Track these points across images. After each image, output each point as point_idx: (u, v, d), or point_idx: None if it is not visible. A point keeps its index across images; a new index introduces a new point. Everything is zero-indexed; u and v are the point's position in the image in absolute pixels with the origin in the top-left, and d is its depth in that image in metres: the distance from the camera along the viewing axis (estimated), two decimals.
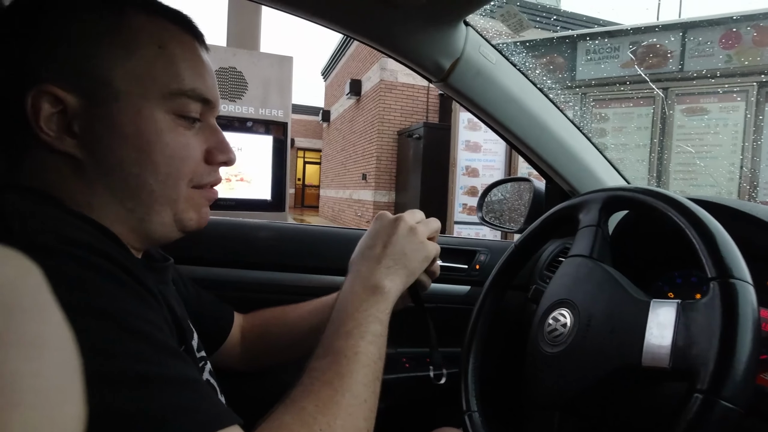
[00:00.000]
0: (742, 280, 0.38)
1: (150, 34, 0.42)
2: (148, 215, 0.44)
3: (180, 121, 0.44)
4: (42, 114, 0.39)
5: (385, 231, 0.57)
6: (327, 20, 0.70)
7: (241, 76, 3.24)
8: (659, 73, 4.01)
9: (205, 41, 0.48)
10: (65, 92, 0.39)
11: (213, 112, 0.49)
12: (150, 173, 0.43)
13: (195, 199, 0.48)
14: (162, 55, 0.42)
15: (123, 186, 0.42)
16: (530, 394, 0.53)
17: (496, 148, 5.35)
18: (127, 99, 0.41)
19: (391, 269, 0.53)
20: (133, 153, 0.42)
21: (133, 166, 0.42)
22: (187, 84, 0.44)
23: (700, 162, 3.80)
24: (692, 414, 0.35)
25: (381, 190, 8.72)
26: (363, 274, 0.53)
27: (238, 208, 3.10)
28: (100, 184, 0.42)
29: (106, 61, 0.40)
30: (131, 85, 0.41)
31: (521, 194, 1.14)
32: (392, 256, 0.54)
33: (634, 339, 0.42)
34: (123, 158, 0.41)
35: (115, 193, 0.42)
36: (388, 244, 0.55)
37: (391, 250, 0.55)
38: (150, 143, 0.42)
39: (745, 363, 0.35)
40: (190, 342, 0.50)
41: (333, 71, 13.52)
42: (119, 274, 0.34)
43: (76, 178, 0.41)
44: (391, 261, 0.54)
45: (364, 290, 0.51)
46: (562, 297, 0.54)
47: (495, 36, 0.82)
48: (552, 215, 0.65)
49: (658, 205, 0.48)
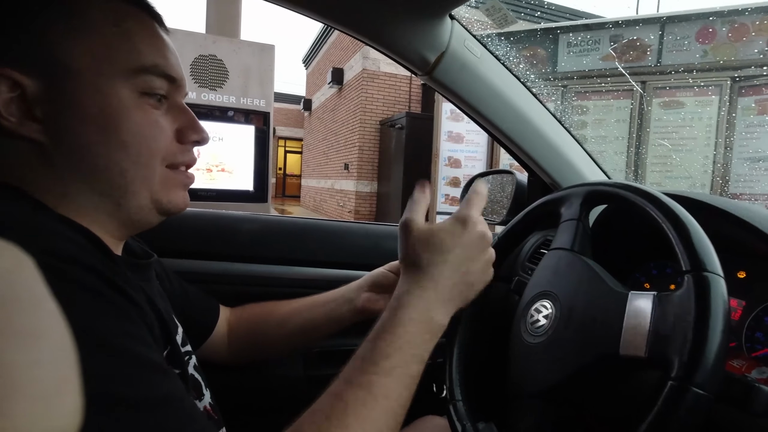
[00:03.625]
0: (714, 273, 0.40)
1: (104, 13, 0.41)
2: (123, 198, 0.43)
3: (146, 99, 0.44)
4: (0, 99, 0.38)
5: (470, 253, 0.49)
6: (310, 10, 0.69)
7: (221, 65, 3.17)
8: (638, 67, 4.08)
9: (163, 22, 0.47)
10: (21, 75, 0.38)
11: (180, 91, 0.48)
12: (119, 153, 0.42)
13: (171, 179, 0.47)
14: (118, 33, 0.42)
15: (93, 169, 0.41)
16: (513, 383, 0.55)
17: (478, 139, 5.38)
18: (86, 78, 0.40)
19: (454, 302, 0.49)
20: (98, 133, 0.41)
21: (99, 146, 0.41)
22: (147, 60, 0.43)
23: (675, 156, 3.90)
24: (665, 400, 0.37)
25: (363, 180, 8.71)
26: (429, 300, 0.47)
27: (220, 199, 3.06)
28: (69, 170, 0.41)
29: (61, 42, 0.39)
30: (89, 63, 0.40)
31: (504, 186, 1.16)
32: (464, 290, 0.49)
33: (612, 329, 0.44)
34: (88, 139, 0.41)
35: (85, 179, 0.41)
36: (468, 273, 0.49)
37: (467, 279, 0.49)
38: (115, 122, 0.41)
39: (716, 352, 0.37)
40: (174, 337, 0.50)
41: (314, 59, 13.35)
42: (101, 288, 0.33)
43: (45, 167, 0.40)
44: (458, 295, 0.49)
45: (422, 323, 0.46)
46: (544, 289, 0.55)
47: (480, 28, 0.82)
48: (535, 208, 0.67)
49: (637, 201, 0.50)
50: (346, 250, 0.98)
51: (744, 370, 0.53)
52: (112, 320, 0.33)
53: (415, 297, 0.46)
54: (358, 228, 1.02)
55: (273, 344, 0.73)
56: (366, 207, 8.74)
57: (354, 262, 0.79)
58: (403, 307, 0.46)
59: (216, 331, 0.71)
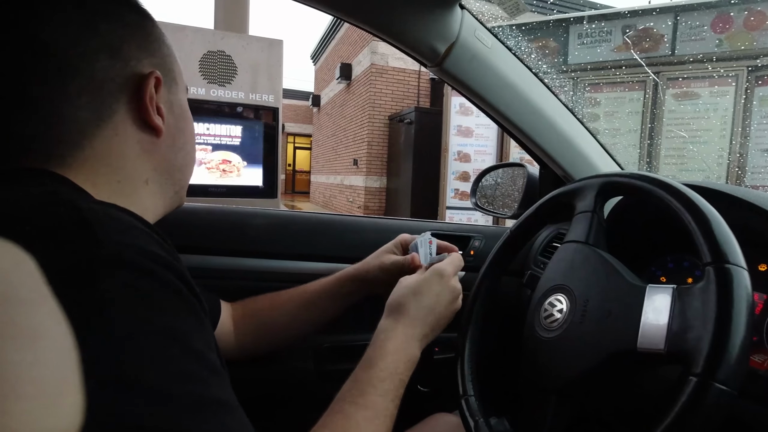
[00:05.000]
0: (737, 265, 0.39)
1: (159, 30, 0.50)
2: (182, 187, 0.52)
3: None
4: (147, 94, 0.44)
5: (443, 299, 0.59)
6: (318, 3, 0.68)
7: (230, 60, 3.18)
8: (651, 57, 4.00)
9: None
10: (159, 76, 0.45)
11: None
12: (192, 148, 0.53)
13: None
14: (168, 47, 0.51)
15: (182, 161, 0.50)
16: (527, 378, 0.54)
17: (487, 133, 5.34)
18: (180, 83, 0.50)
19: (427, 338, 0.57)
20: (189, 130, 0.51)
21: (188, 143, 0.51)
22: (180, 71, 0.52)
23: (692, 147, 3.83)
24: (687, 397, 0.36)
25: (372, 176, 8.70)
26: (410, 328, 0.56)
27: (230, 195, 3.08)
28: (165, 160, 0.48)
29: (168, 55, 0.49)
30: (177, 73, 0.50)
31: (515, 180, 1.14)
32: (435, 327, 0.58)
33: (630, 324, 0.43)
34: (187, 136, 0.51)
35: (173, 168, 0.49)
36: (440, 316, 0.59)
37: (438, 322, 0.58)
38: (191, 121, 0.52)
39: (739, 347, 0.36)
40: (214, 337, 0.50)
41: (323, 55, 13.33)
42: (180, 288, 0.33)
43: (147, 154, 0.46)
44: (431, 332, 0.58)
45: (405, 350, 0.54)
46: (558, 283, 0.54)
47: (490, 19, 0.81)
48: (548, 201, 0.65)
49: (655, 191, 0.48)
50: (357, 245, 0.97)
51: (766, 366, 0.52)
52: (194, 323, 0.33)
53: (400, 333, 0.55)
54: (368, 223, 1.02)
55: (280, 331, 0.74)
56: (375, 202, 8.73)
57: (363, 257, 0.78)
58: (389, 340, 0.54)
59: (221, 328, 0.71)
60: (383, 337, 0.54)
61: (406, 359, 0.53)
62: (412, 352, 0.54)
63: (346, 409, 0.46)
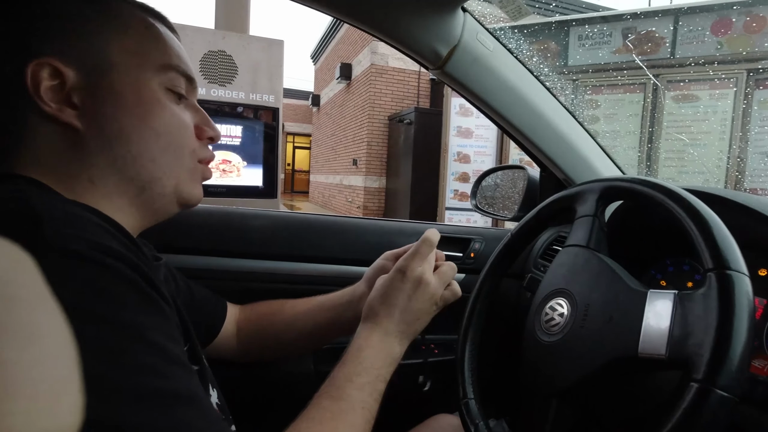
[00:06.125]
0: (738, 271, 0.39)
1: (135, 16, 0.45)
2: (149, 184, 0.45)
3: (170, 95, 0.47)
4: (42, 86, 0.40)
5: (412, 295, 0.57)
6: (320, 4, 0.68)
7: (230, 60, 3.17)
8: (651, 60, 4.01)
9: (176, 31, 0.52)
10: (64, 65, 0.40)
11: (195, 92, 0.52)
12: (150, 140, 0.45)
13: (196, 172, 0.50)
14: (148, 33, 0.46)
15: (124, 155, 0.43)
16: (527, 382, 0.54)
17: (487, 134, 5.34)
18: (125, 70, 0.43)
19: (406, 334, 0.57)
20: (133, 121, 0.43)
21: (133, 133, 0.43)
22: (173, 59, 0.47)
23: (692, 149, 3.83)
24: (688, 403, 0.36)
25: (372, 176, 8.69)
26: (383, 330, 0.56)
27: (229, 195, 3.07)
28: (101, 155, 0.43)
29: (102, 38, 0.42)
30: (127, 57, 0.43)
31: (515, 182, 1.14)
32: (412, 323, 0.57)
33: (631, 329, 0.43)
34: (123, 126, 0.43)
35: (116, 164, 0.43)
36: (412, 311, 0.57)
37: (413, 317, 0.57)
38: (150, 111, 0.44)
39: (740, 353, 0.36)
40: (192, 334, 0.50)
41: (323, 54, 13.33)
42: (140, 283, 0.34)
43: (76, 152, 0.42)
44: (407, 328, 0.57)
45: (382, 349, 0.54)
46: (559, 286, 0.54)
47: (492, 21, 0.81)
48: (549, 205, 0.65)
49: (656, 197, 0.48)
50: (356, 247, 0.97)
51: (766, 371, 0.52)
52: (151, 315, 0.34)
53: (375, 333, 0.55)
54: (368, 224, 1.02)
55: (281, 345, 0.73)
56: (375, 203, 8.72)
57: (363, 259, 0.78)
58: (363, 339, 0.55)
59: (224, 331, 0.71)
60: (358, 339, 0.55)
61: (384, 355, 0.53)
62: (391, 349, 0.54)
63: (322, 403, 0.47)
